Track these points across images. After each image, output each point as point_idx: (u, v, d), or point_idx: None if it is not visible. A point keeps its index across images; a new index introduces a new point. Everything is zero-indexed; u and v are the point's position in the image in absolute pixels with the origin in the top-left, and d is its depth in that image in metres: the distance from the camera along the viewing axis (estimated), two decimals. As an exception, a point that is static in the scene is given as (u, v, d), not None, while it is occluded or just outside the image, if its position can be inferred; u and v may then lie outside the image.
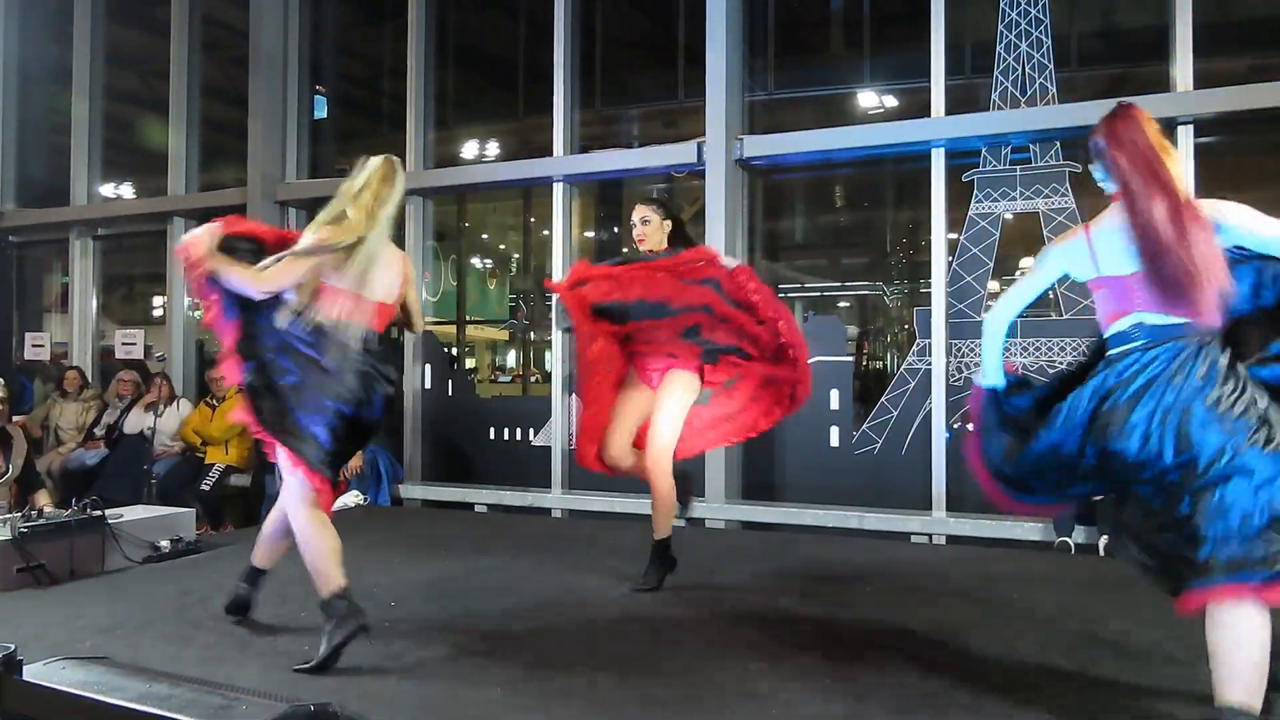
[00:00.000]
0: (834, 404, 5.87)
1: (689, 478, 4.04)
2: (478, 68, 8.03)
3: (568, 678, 2.83)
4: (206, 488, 6.63)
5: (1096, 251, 2.38)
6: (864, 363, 7.11)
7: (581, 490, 6.33)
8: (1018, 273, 6.11)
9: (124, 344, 8.34)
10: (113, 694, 1.83)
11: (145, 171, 8.70)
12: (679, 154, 6.25)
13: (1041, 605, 3.65)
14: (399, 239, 7.15)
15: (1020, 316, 2.68)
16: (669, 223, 3.92)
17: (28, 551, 3.94)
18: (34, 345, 8.88)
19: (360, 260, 2.97)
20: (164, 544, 4.51)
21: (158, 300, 9.03)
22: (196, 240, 2.95)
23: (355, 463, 6.31)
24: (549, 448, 6.52)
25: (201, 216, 8.10)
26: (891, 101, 6.42)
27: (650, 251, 3.88)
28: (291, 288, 2.91)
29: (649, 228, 3.88)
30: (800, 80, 6.78)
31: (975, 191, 5.71)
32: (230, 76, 8.21)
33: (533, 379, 8.30)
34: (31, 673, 1.91)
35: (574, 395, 6.52)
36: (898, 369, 5.95)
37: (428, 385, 7.08)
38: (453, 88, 7.64)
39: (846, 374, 5.93)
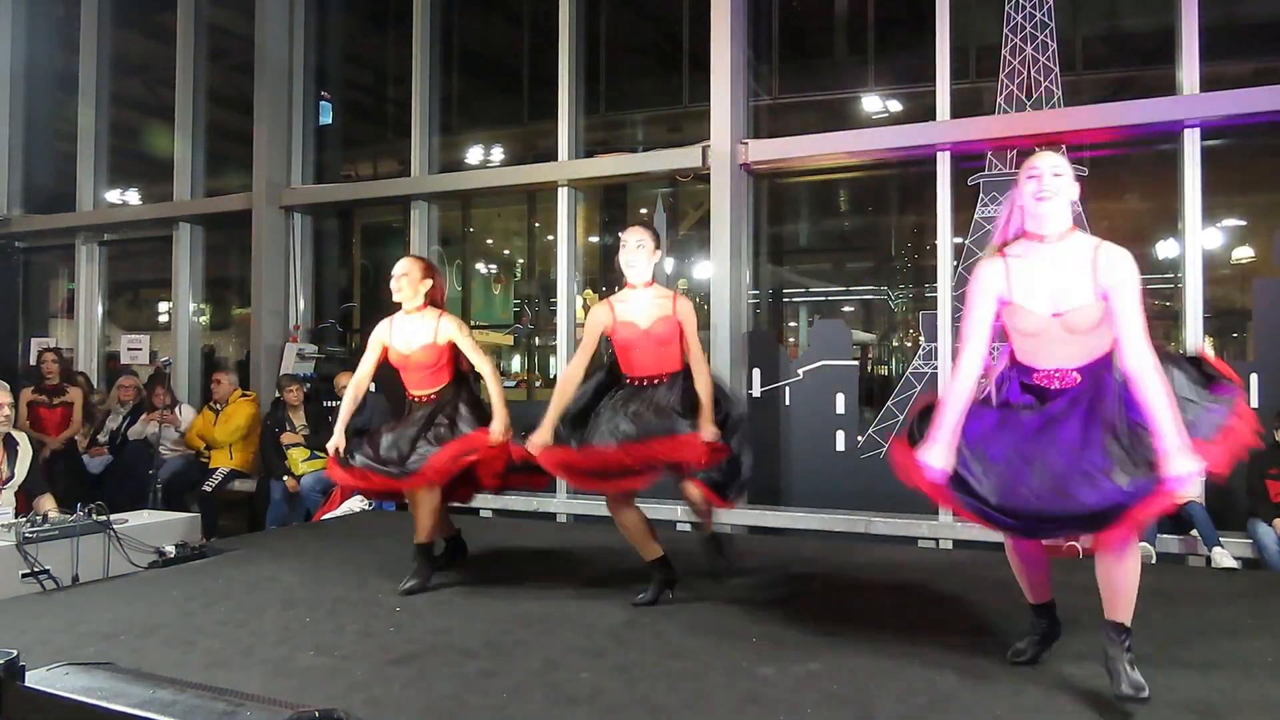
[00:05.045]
0: (839, 408, 5.86)
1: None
2: (482, 73, 8.04)
3: (574, 683, 2.81)
4: (208, 489, 6.64)
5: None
6: (869, 367, 7.09)
7: (587, 495, 6.31)
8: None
9: (129, 349, 8.34)
10: (116, 700, 1.81)
11: (151, 177, 8.73)
12: (684, 158, 6.24)
13: (1050, 610, 3.62)
14: (406, 243, 7.19)
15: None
16: (659, 251, 3.76)
17: (32, 557, 3.95)
18: (40, 351, 8.89)
19: None
20: (169, 549, 4.50)
21: (163, 306, 9.04)
22: None
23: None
24: (554, 453, 6.50)
25: (207, 222, 8.14)
26: (896, 105, 6.41)
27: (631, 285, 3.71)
28: None
29: (642, 253, 3.68)
30: (805, 84, 6.77)
31: (980, 195, 5.70)
32: (235, 83, 8.23)
33: (537, 384, 8.30)
34: (34, 678, 1.90)
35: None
36: (903, 373, 5.94)
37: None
38: (457, 93, 7.65)
39: (852, 378, 5.91)
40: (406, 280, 4.04)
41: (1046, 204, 2.59)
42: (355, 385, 4.18)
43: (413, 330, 4.06)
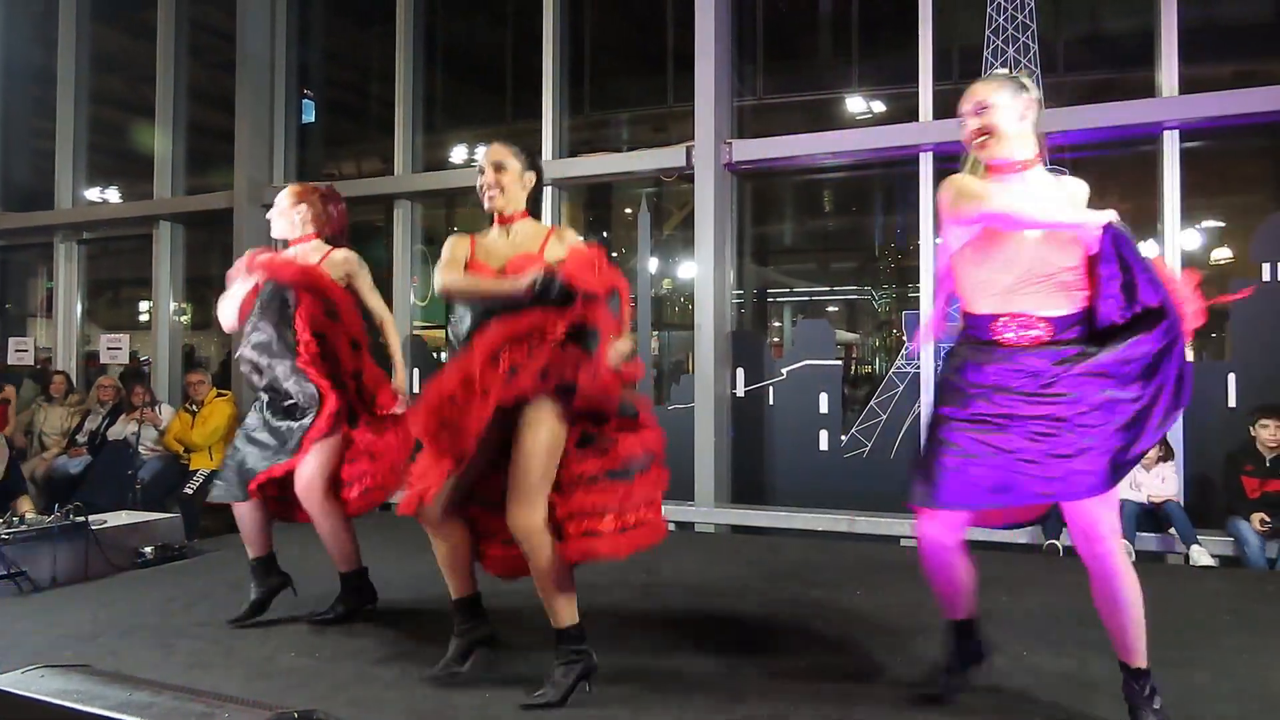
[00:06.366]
0: (823, 407, 5.87)
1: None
2: (466, 72, 8.02)
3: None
4: (189, 492, 6.58)
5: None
6: (853, 367, 7.12)
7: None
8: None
9: (109, 349, 8.26)
10: (91, 703, 1.80)
11: (131, 175, 8.65)
12: (668, 158, 6.24)
13: (1030, 608, 3.64)
14: (389, 242, 7.16)
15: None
16: (531, 174, 2.89)
17: (9, 558, 3.90)
18: (18, 350, 8.79)
19: None
20: (148, 550, 4.46)
21: (144, 305, 8.96)
22: None
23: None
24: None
25: (187, 220, 8.07)
26: (879, 106, 6.43)
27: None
28: None
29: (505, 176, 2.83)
30: (789, 85, 6.79)
31: (963, 195, 5.72)
32: (217, 80, 8.17)
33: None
34: (7, 681, 1.88)
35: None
36: (887, 373, 5.96)
37: (416, 390, 7.04)
38: (441, 92, 7.63)
39: (835, 377, 5.93)
40: (277, 211, 3.45)
41: (985, 151, 2.42)
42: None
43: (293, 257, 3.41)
